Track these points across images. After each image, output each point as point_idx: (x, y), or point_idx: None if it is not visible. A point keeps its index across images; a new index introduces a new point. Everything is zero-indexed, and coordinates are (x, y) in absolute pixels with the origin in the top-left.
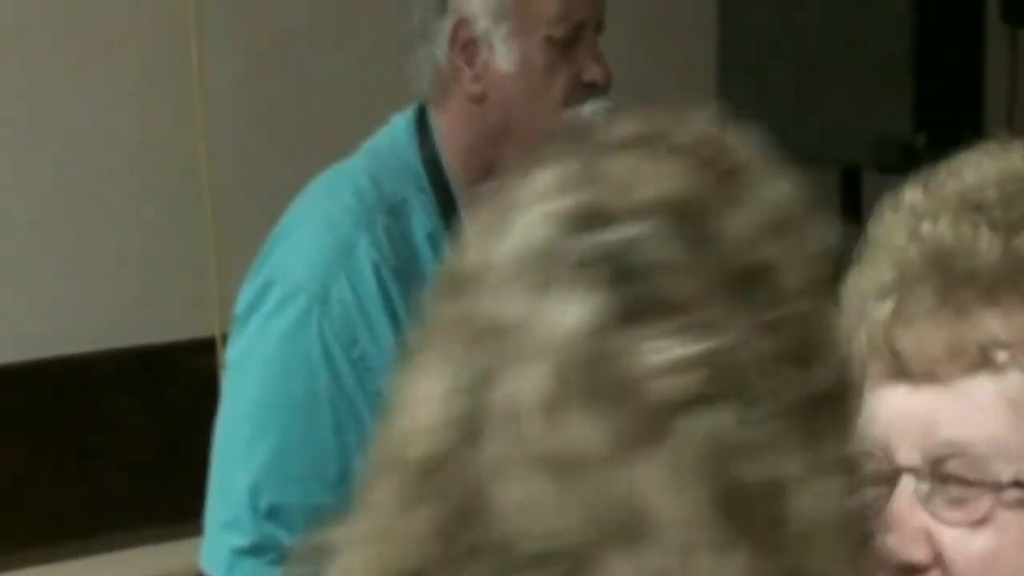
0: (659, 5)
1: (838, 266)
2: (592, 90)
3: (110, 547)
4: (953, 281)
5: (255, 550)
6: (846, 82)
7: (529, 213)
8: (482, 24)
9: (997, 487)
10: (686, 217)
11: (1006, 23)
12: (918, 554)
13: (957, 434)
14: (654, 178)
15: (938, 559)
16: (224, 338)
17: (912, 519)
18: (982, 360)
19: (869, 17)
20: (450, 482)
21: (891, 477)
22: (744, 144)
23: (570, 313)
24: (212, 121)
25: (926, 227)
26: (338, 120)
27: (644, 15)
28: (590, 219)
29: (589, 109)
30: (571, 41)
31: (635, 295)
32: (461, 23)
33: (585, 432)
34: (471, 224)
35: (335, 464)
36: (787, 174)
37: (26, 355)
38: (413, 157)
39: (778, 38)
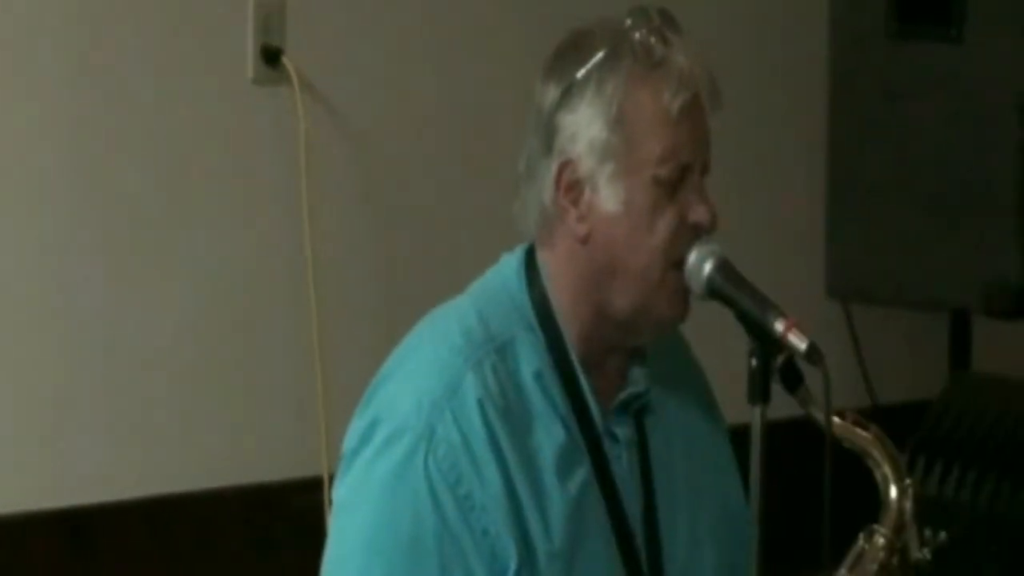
0: (768, 147)
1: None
2: (698, 231)
3: None
4: None
5: None
6: (955, 226)
7: None
8: (587, 164)
9: None
10: None
11: None
12: None
13: None
14: None
15: None
16: (331, 477)
17: None
18: None
19: (977, 161)
20: None
21: None
22: None
23: None
24: (321, 259)
25: None
26: (446, 260)
27: (753, 157)
28: None
29: (696, 250)
30: (676, 182)
31: None
32: (566, 164)
33: None
34: None
35: None
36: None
37: (138, 493)
38: (522, 296)
39: (888, 181)
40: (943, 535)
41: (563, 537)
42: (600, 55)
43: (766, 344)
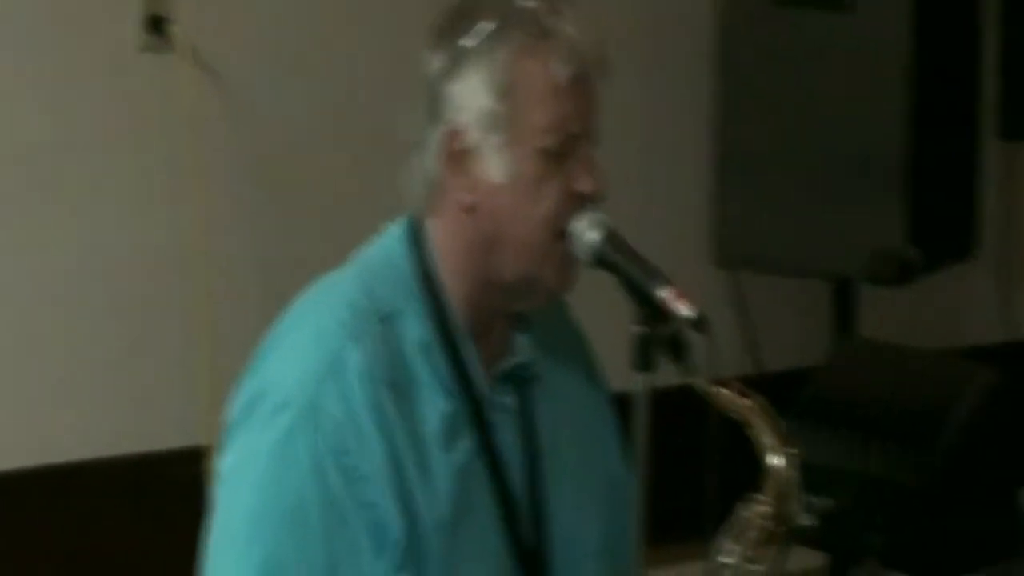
0: (654, 120)
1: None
2: (584, 201)
3: None
4: None
5: None
6: (840, 197)
7: None
8: (474, 134)
9: None
10: None
11: (1000, 137)
12: None
13: None
14: None
15: None
16: (213, 447)
17: None
18: None
19: (864, 133)
20: None
21: None
22: None
23: None
24: (207, 230)
25: None
26: (333, 231)
27: (640, 127)
28: None
29: (582, 219)
30: (564, 152)
31: None
32: (453, 133)
33: None
34: None
35: (324, 574)
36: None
37: (19, 463)
38: (406, 266)
39: (774, 150)
40: (827, 501)
41: (448, 507)
42: (489, 24)
43: (652, 312)
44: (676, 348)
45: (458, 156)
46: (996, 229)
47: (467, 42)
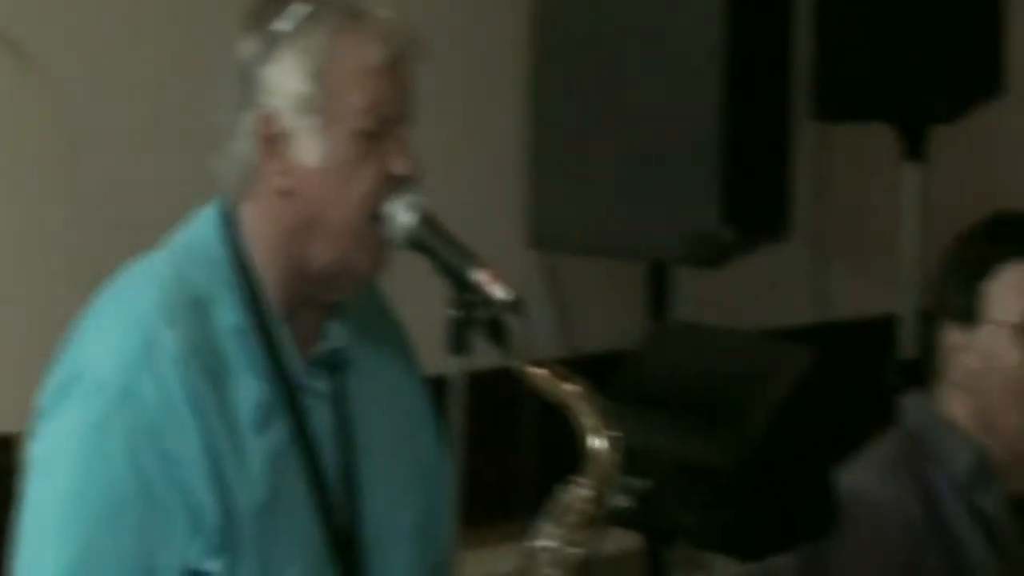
0: (469, 102)
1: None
2: (399, 183)
3: None
4: None
5: None
6: (656, 177)
7: None
8: (288, 118)
9: None
10: None
11: (813, 117)
12: None
13: None
14: None
15: None
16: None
17: None
18: None
19: (677, 114)
20: None
21: None
22: None
23: None
24: (12, 211)
25: None
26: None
27: (456, 108)
28: None
29: (397, 202)
30: (378, 134)
31: None
32: (267, 117)
33: None
34: None
35: (141, 562)
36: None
37: None
38: (219, 250)
39: (590, 131)
40: (642, 483)
41: (262, 492)
42: (303, 8)
43: (467, 295)
44: (495, 331)
45: (273, 140)
46: (809, 209)
47: (281, 25)
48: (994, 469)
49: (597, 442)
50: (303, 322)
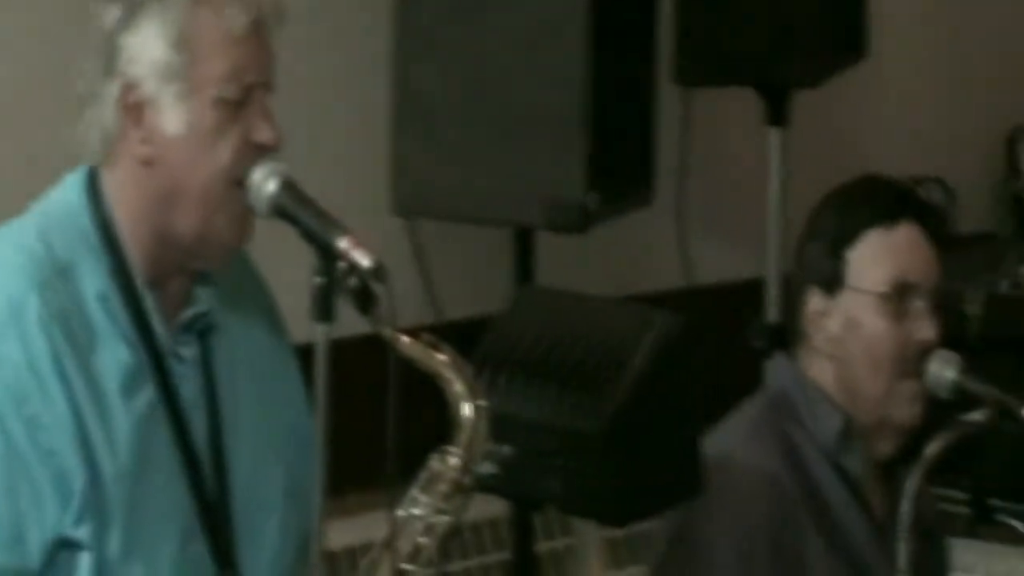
0: (332, 63)
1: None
2: (262, 151)
3: None
4: None
5: None
6: (519, 145)
7: None
8: (150, 86)
9: None
10: None
11: (677, 83)
12: None
13: None
14: None
15: None
16: None
17: None
18: None
19: (541, 79)
20: None
21: None
22: None
23: None
24: None
25: None
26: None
27: (317, 74)
28: None
29: (259, 169)
30: (240, 102)
31: None
32: (129, 85)
33: None
34: None
35: (9, 528)
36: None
37: None
38: (84, 217)
39: (453, 98)
40: (507, 449)
41: (129, 457)
42: None
43: (331, 262)
44: (361, 298)
45: (134, 108)
46: (674, 175)
47: None
48: (858, 432)
49: (466, 410)
50: (170, 288)
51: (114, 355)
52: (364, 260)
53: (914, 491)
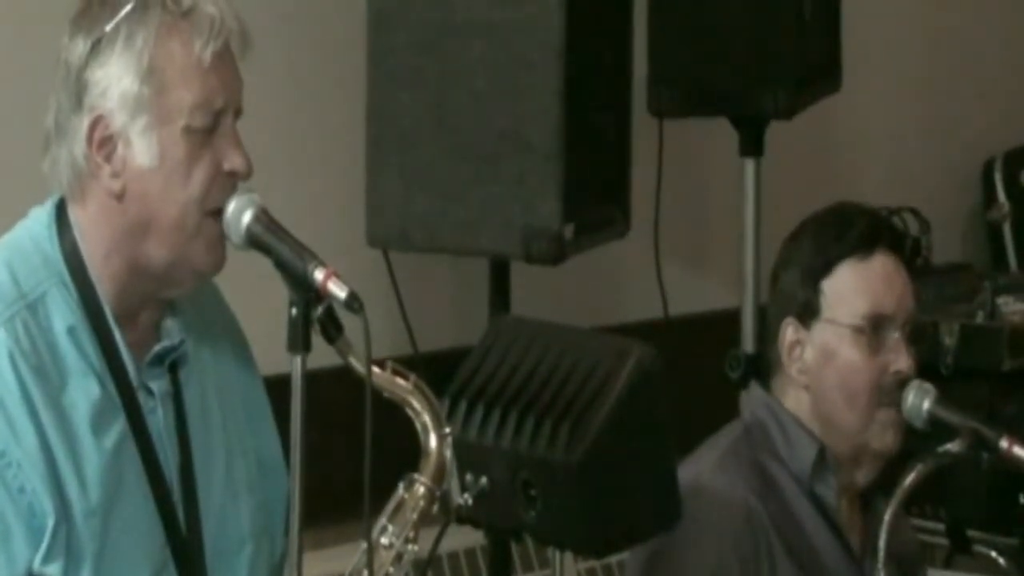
0: (305, 92)
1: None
2: (234, 178)
3: None
4: None
5: None
6: (495, 173)
7: None
8: (119, 119)
9: None
10: None
11: (652, 114)
12: None
13: None
14: None
15: None
16: None
17: None
18: None
19: (516, 110)
20: None
21: None
22: None
23: None
24: None
25: None
26: None
27: (291, 103)
28: None
29: (235, 200)
30: (210, 130)
31: None
32: (98, 119)
33: None
34: None
35: None
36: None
37: None
38: (53, 251)
39: (427, 127)
40: (483, 480)
41: (100, 493)
42: (128, 7)
43: (306, 293)
44: (331, 329)
45: (104, 142)
46: (650, 206)
47: (108, 26)
48: (833, 462)
49: (434, 440)
50: (140, 321)
51: (84, 390)
52: (338, 291)
53: (890, 521)
